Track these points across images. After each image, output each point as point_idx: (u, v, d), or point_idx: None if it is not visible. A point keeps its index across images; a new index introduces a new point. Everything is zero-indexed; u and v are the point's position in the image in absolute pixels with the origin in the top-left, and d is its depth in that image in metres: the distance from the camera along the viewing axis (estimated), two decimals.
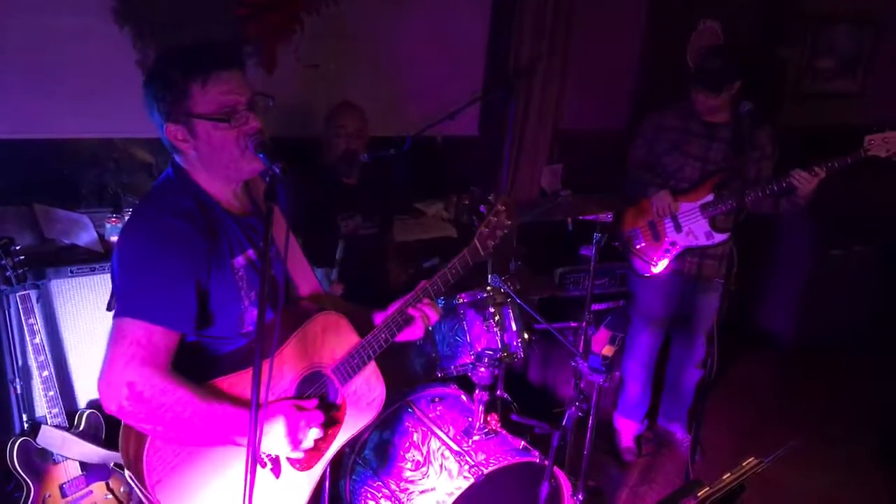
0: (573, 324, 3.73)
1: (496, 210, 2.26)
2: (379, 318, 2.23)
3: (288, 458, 1.97)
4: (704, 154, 3.57)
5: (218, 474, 1.85)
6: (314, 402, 1.98)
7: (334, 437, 2.08)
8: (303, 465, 2.01)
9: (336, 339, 2.07)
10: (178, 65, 1.76)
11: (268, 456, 1.92)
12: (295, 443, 1.87)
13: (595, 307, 3.62)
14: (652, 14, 5.07)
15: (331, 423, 2.06)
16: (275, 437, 1.84)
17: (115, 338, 1.69)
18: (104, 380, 1.68)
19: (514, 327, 3.06)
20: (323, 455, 2.05)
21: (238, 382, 1.83)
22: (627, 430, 4.07)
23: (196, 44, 1.85)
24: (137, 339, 1.68)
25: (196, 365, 1.83)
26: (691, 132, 3.59)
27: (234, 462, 1.86)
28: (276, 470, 1.95)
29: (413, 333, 2.23)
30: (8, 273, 2.87)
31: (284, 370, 1.93)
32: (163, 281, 1.72)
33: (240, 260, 1.87)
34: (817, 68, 5.74)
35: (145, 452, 1.74)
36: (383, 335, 2.14)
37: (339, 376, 2.07)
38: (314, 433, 1.91)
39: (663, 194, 3.60)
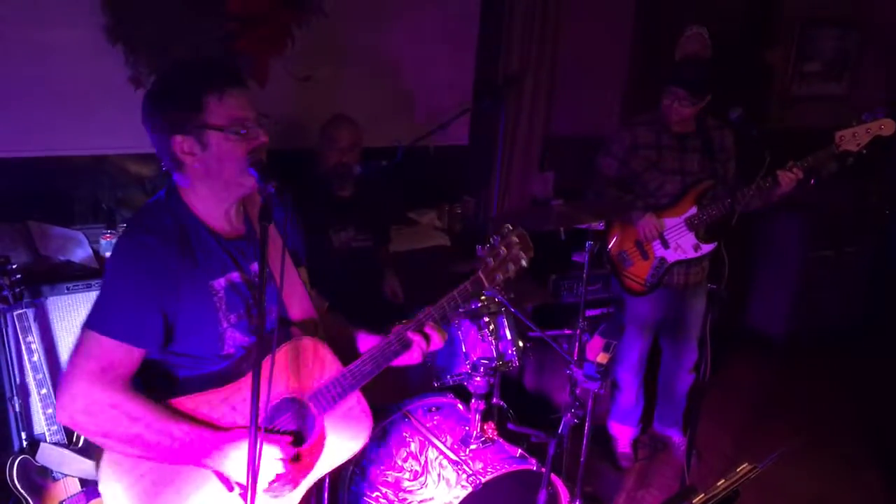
0: (567, 331, 3.75)
1: (509, 241, 2.13)
2: (364, 341, 2.18)
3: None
4: (680, 167, 3.58)
5: (178, 494, 1.84)
6: (287, 438, 1.92)
7: (311, 468, 2.01)
8: (275, 494, 1.96)
9: (314, 366, 2.00)
10: (195, 77, 1.80)
11: (236, 482, 1.87)
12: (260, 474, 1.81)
13: (589, 313, 3.65)
14: (639, 19, 5.11)
15: (308, 453, 1.99)
16: (237, 465, 1.80)
17: (75, 349, 1.73)
18: (59, 390, 1.72)
19: (508, 336, 3.08)
20: (298, 485, 1.98)
21: (205, 402, 1.83)
22: (623, 435, 4.08)
23: (206, 59, 1.88)
24: (94, 353, 1.71)
25: (172, 383, 1.85)
26: (664, 147, 3.58)
27: (194, 482, 1.85)
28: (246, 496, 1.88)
29: (410, 359, 2.14)
30: (5, 292, 2.88)
31: (269, 394, 1.85)
32: (125, 296, 1.75)
33: (220, 282, 1.87)
34: (804, 71, 5.78)
35: (101, 466, 1.78)
36: (368, 367, 2.05)
37: (317, 405, 2.00)
38: (278, 468, 1.86)
39: (648, 217, 3.58)
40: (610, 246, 3.74)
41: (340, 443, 2.05)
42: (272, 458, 1.85)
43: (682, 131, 3.57)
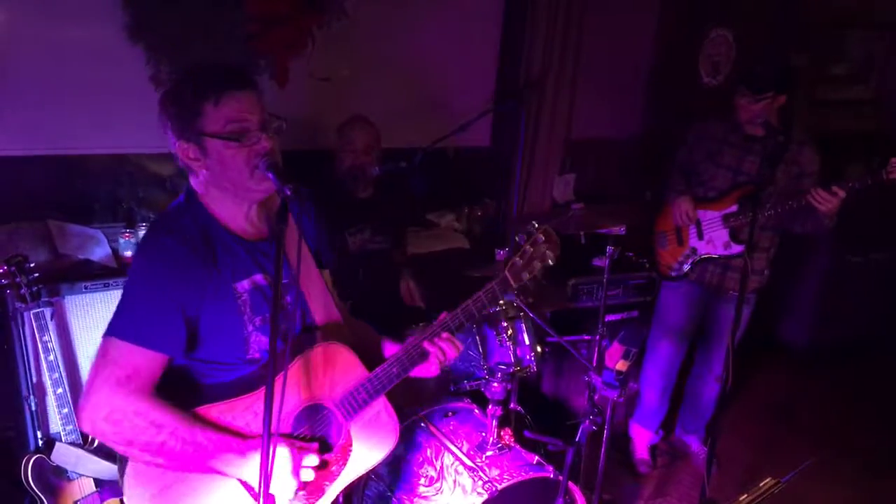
0: (586, 337, 3.71)
1: (534, 239, 2.09)
2: (390, 348, 2.17)
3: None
4: (737, 165, 3.54)
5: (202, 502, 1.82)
6: (314, 445, 1.91)
7: (337, 475, 2.00)
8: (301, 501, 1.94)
9: (339, 372, 1.98)
10: (192, 84, 1.77)
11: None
12: (283, 483, 1.81)
13: (608, 318, 3.61)
14: (662, 22, 5.05)
15: (334, 460, 1.98)
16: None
17: (97, 356, 1.70)
18: (82, 398, 1.68)
19: (526, 341, 3.05)
20: (323, 494, 1.97)
21: (229, 410, 1.81)
22: (642, 439, 4.05)
23: (211, 64, 1.85)
24: (117, 360, 1.69)
25: (197, 391, 1.83)
26: (727, 142, 3.57)
27: (219, 492, 1.83)
28: None
29: (427, 370, 2.10)
30: (22, 291, 2.88)
31: (282, 401, 1.85)
32: (149, 302, 1.73)
33: (244, 284, 1.86)
34: (830, 75, 5.70)
35: (126, 475, 1.75)
36: (395, 369, 2.02)
37: (343, 411, 1.99)
38: (306, 476, 1.85)
39: (682, 201, 3.61)
40: (655, 227, 3.83)
41: (367, 449, 2.03)
42: (302, 466, 1.83)
43: (752, 133, 3.52)
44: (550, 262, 2.08)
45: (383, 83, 4.21)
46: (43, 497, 2.90)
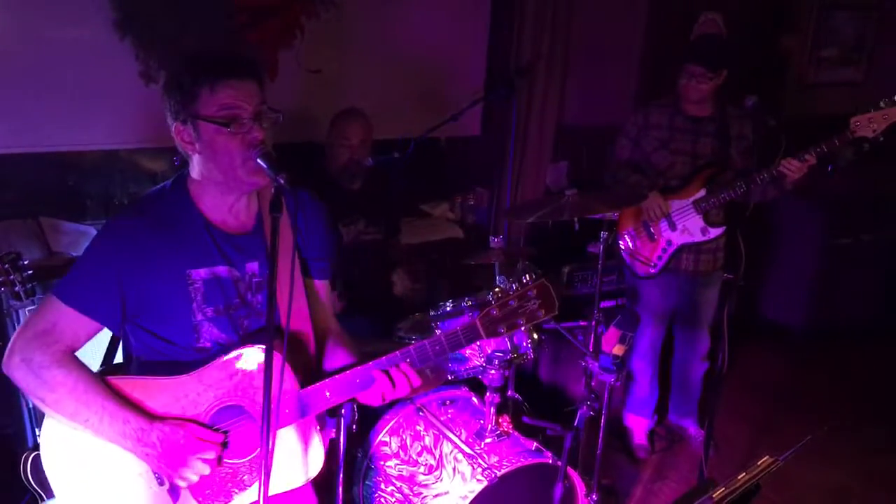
0: (582, 323, 3.72)
1: (524, 293, 1.82)
2: (330, 361, 2.02)
3: (189, 488, 1.82)
4: (692, 149, 3.55)
5: (103, 467, 1.83)
6: (220, 437, 1.83)
7: (249, 485, 1.86)
8: (206, 500, 1.85)
9: (271, 382, 1.75)
10: (193, 68, 1.79)
11: (166, 477, 1.82)
12: (175, 467, 1.77)
13: (604, 304, 3.61)
14: (653, 6, 5.05)
15: (247, 470, 1.87)
16: (162, 456, 1.76)
17: (34, 309, 1.80)
18: (9, 343, 1.78)
19: (523, 328, 3.05)
20: (230, 500, 1.86)
21: (143, 387, 1.82)
22: (639, 426, 4.06)
23: (216, 51, 1.88)
24: (45, 314, 1.78)
25: (127, 363, 1.90)
26: (676, 128, 3.56)
27: (127, 465, 1.83)
28: (175, 495, 1.83)
29: (368, 398, 1.87)
30: (17, 288, 2.85)
31: (201, 391, 1.82)
32: (87, 267, 1.81)
33: (200, 273, 1.84)
34: (820, 57, 5.70)
35: (45, 418, 1.82)
36: (325, 391, 1.85)
37: (265, 423, 1.75)
38: (201, 468, 1.77)
39: (653, 196, 3.56)
40: (619, 227, 3.74)
41: (286, 469, 1.89)
42: (198, 456, 1.77)
43: (697, 114, 3.53)
44: (542, 320, 1.86)
45: (373, 73, 4.20)
46: (43, 494, 2.89)
